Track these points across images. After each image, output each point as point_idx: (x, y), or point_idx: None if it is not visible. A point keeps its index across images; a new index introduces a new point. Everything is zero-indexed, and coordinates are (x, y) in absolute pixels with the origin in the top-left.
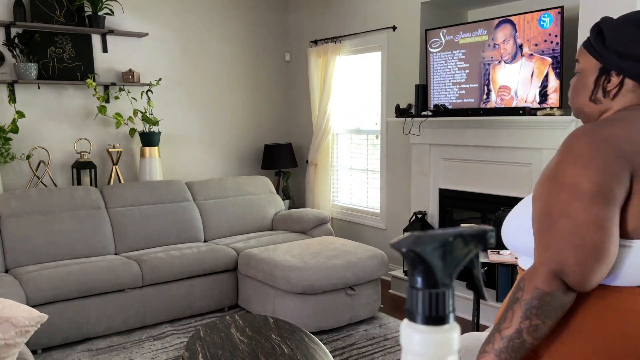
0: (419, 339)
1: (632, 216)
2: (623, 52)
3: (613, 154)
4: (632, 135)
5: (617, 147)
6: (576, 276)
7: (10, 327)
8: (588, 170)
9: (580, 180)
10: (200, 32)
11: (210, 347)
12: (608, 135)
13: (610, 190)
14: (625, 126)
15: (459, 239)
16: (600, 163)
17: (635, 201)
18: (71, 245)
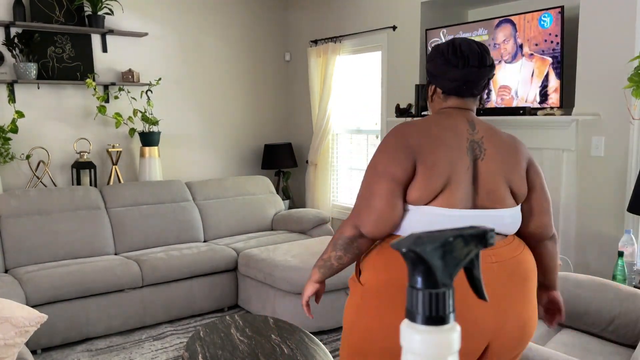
0: (419, 339)
1: (416, 190)
2: (429, 70)
3: (402, 145)
4: (421, 130)
5: (406, 140)
6: (366, 229)
7: (10, 327)
8: (384, 156)
9: (379, 163)
10: (200, 32)
11: (210, 347)
12: (404, 131)
13: (394, 172)
14: (422, 122)
15: (459, 239)
16: (392, 152)
17: (417, 179)
18: (71, 245)
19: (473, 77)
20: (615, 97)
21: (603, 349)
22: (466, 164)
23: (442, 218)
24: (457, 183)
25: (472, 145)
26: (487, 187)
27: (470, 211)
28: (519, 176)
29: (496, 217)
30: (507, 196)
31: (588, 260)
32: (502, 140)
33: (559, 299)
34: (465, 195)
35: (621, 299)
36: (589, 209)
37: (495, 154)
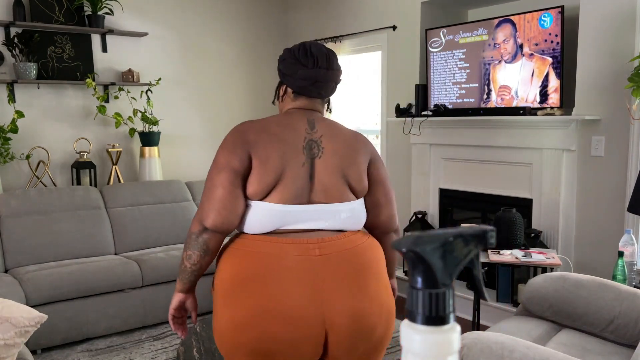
0: (419, 339)
1: (251, 184)
2: (280, 69)
3: (240, 140)
4: (259, 127)
5: (243, 135)
6: (209, 221)
7: (10, 327)
8: (224, 150)
9: (219, 158)
10: (200, 31)
11: (205, 341)
12: (244, 128)
13: (232, 164)
14: (262, 121)
15: (459, 239)
16: (230, 146)
17: (253, 173)
18: (71, 245)
19: (321, 77)
20: (615, 97)
21: (603, 349)
22: (301, 161)
23: (277, 213)
24: (290, 178)
25: (309, 143)
26: (323, 183)
27: (305, 206)
28: (357, 171)
29: (332, 212)
30: (344, 191)
31: (588, 260)
32: (343, 139)
33: (394, 285)
34: (299, 190)
35: (621, 299)
36: (589, 209)
37: (333, 151)
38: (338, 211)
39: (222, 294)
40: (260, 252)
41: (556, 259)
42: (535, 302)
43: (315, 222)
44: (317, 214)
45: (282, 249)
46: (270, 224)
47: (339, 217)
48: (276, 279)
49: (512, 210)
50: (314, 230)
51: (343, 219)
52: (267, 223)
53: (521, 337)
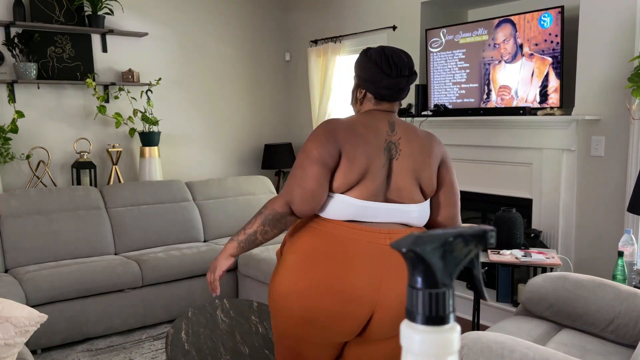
0: (419, 339)
1: (336, 179)
2: (360, 75)
3: (331, 136)
4: (347, 126)
5: (335, 133)
6: (296, 206)
7: (10, 327)
8: (316, 143)
9: (313, 149)
10: (200, 31)
11: (194, 325)
12: (334, 125)
13: (325, 158)
14: (349, 120)
15: (459, 239)
16: (323, 140)
17: (340, 169)
18: (71, 245)
19: (403, 85)
20: (615, 97)
21: (603, 349)
22: (382, 162)
23: (355, 207)
24: (371, 178)
25: (389, 145)
26: (398, 183)
27: (380, 204)
28: (429, 174)
29: (404, 211)
30: (415, 193)
31: (588, 260)
32: (418, 141)
33: None
34: (377, 189)
35: (621, 299)
36: (589, 209)
37: (409, 154)
38: (409, 211)
39: (293, 262)
40: (337, 235)
41: (556, 259)
42: (535, 302)
43: (386, 219)
44: (390, 212)
45: (356, 235)
46: (348, 215)
47: (407, 216)
48: (345, 260)
49: (512, 210)
50: (387, 223)
51: (410, 218)
52: (345, 214)
53: (521, 337)
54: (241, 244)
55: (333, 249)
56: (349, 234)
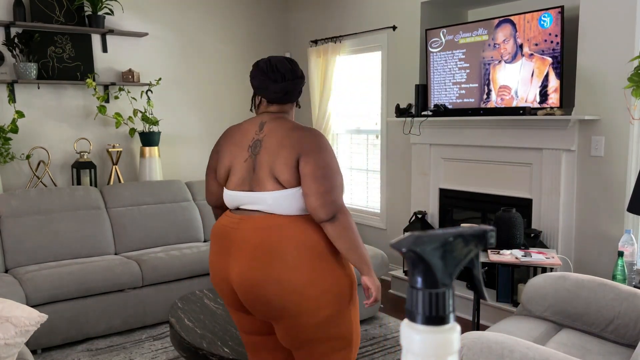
0: (419, 339)
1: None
2: (253, 84)
3: (216, 145)
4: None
5: (219, 141)
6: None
7: (10, 327)
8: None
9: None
10: (200, 31)
11: (191, 314)
12: (223, 134)
13: (211, 162)
14: (235, 126)
15: (459, 239)
16: (213, 149)
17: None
18: (71, 245)
19: (290, 88)
20: (615, 97)
21: (603, 349)
22: (244, 157)
23: (227, 196)
24: (235, 171)
25: (255, 143)
26: (258, 175)
27: (243, 192)
28: (280, 166)
29: (259, 198)
30: (268, 182)
31: (588, 260)
32: (278, 137)
33: (366, 283)
34: (241, 180)
35: (621, 299)
36: (589, 209)
37: (267, 149)
38: (263, 198)
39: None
40: (218, 221)
41: (556, 259)
42: (535, 302)
43: (253, 205)
44: (251, 199)
45: (221, 219)
46: (230, 204)
47: (265, 202)
48: (214, 240)
49: (512, 210)
50: (255, 210)
51: (269, 205)
52: (228, 202)
53: (521, 337)
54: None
55: (214, 231)
56: (222, 220)
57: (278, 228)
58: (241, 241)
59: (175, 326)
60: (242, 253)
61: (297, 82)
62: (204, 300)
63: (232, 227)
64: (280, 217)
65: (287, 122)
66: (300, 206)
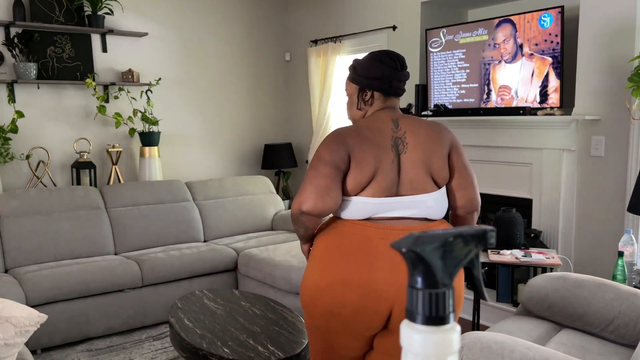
0: (419, 339)
1: (348, 182)
2: (367, 76)
3: (341, 142)
4: (354, 132)
5: (344, 138)
6: (309, 205)
7: (10, 327)
8: (327, 149)
9: (324, 154)
10: (200, 32)
11: (191, 314)
12: (341, 132)
13: (335, 161)
14: (354, 127)
15: (459, 239)
16: (333, 146)
17: (351, 172)
18: (71, 245)
19: (406, 77)
20: (615, 97)
21: (603, 349)
22: (391, 158)
23: (369, 206)
24: (382, 175)
25: (396, 141)
26: (409, 176)
27: (394, 198)
28: (439, 162)
29: (419, 202)
30: (427, 183)
31: (588, 260)
32: (424, 132)
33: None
34: (389, 185)
35: (621, 299)
36: (589, 209)
37: (416, 146)
38: (423, 202)
39: (314, 261)
40: (352, 233)
41: (556, 259)
42: (535, 302)
43: (403, 211)
44: (404, 205)
45: (370, 232)
46: (364, 213)
47: (423, 206)
48: (361, 257)
49: (512, 210)
50: (403, 218)
51: (427, 208)
52: (362, 212)
53: (521, 337)
54: (300, 239)
55: (349, 246)
56: (364, 232)
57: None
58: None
59: (175, 326)
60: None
61: (407, 73)
62: (203, 300)
63: (382, 236)
64: (439, 223)
65: (416, 117)
66: (446, 205)
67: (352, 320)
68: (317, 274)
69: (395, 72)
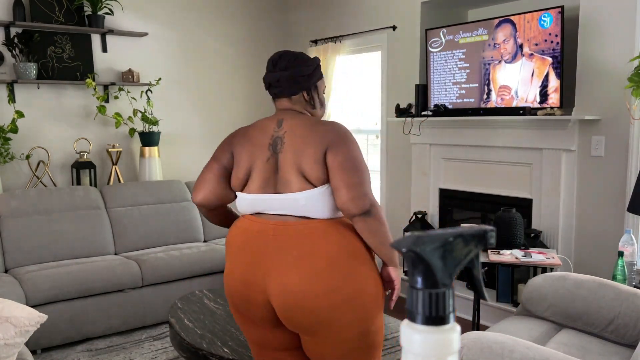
0: (419, 339)
1: (232, 179)
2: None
3: (227, 143)
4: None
5: (231, 139)
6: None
7: (10, 327)
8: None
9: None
10: (200, 31)
11: (191, 314)
12: (234, 133)
13: (219, 157)
14: (246, 127)
15: (459, 239)
16: (223, 145)
17: (233, 170)
18: (71, 245)
19: (283, 78)
20: (615, 97)
21: (603, 349)
22: (266, 157)
23: (248, 201)
24: (257, 173)
25: (275, 140)
26: (284, 175)
27: (270, 195)
28: (309, 162)
29: (289, 200)
30: (299, 182)
31: (588, 260)
32: (301, 132)
33: (389, 274)
34: (265, 182)
35: (621, 299)
36: (589, 209)
37: (290, 146)
38: (295, 199)
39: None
40: (239, 226)
41: (556, 259)
42: (535, 302)
43: (281, 210)
44: (280, 202)
45: (250, 225)
46: (248, 209)
47: (297, 204)
48: (241, 248)
49: (512, 210)
50: (284, 215)
51: (301, 206)
52: (246, 208)
53: (521, 337)
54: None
55: (236, 239)
56: (246, 225)
57: (321, 233)
58: (280, 250)
59: (175, 326)
60: (284, 264)
61: (299, 69)
62: (204, 300)
63: (265, 234)
64: (318, 221)
65: (308, 117)
66: (333, 206)
67: (243, 310)
68: (225, 266)
69: (269, 74)
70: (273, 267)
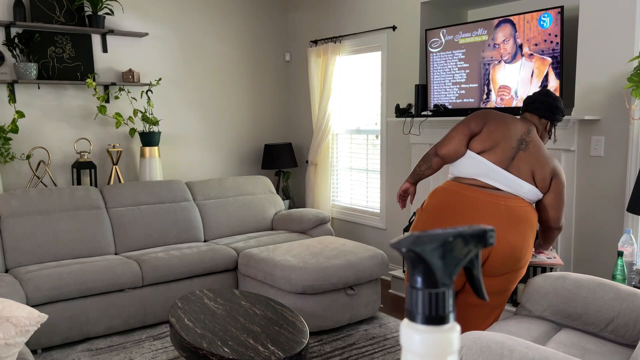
0: (419, 339)
1: (475, 141)
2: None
3: (481, 115)
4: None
5: (485, 114)
6: (439, 148)
7: (10, 327)
8: (470, 117)
9: (466, 119)
10: (201, 32)
11: (192, 313)
12: (488, 111)
13: (470, 125)
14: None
15: (458, 239)
16: (475, 116)
17: (479, 135)
18: (71, 245)
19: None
20: (615, 97)
21: (603, 349)
22: (512, 145)
23: (483, 165)
24: (502, 150)
25: (522, 139)
26: (518, 166)
27: (503, 170)
28: (542, 174)
29: (517, 184)
30: (526, 177)
31: (588, 260)
32: (541, 153)
33: (540, 249)
34: (503, 160)
35: (621, 299)
36: (589, 209)
37: (531, 154)
38: (521, 185)
39: (427, 215)
40: (464, 194)
41: (556, 259)
42: (535, 301)
43: (504, 186)
44: (508, 180)
45: (480, 195)
46: (474, 173)
47: (520, 188)
48: (471, 212)
49: None
50: (497, 189)
51: (522, 192)
52: (474, 171)
53: (521, 336)
54: (411, 174)
55: (460, 204)
56: (475, 194)
57: (529, 209)
58: (508, 217)
59: (175, 326)
60: (513, 227)
61: (560, 106)
62: (204, 300)
63: (500, 204)
64: (526, 202)
65: (544, 147)
66: (533, 201)
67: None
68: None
69: (540, 96)
70: (505, 229)
